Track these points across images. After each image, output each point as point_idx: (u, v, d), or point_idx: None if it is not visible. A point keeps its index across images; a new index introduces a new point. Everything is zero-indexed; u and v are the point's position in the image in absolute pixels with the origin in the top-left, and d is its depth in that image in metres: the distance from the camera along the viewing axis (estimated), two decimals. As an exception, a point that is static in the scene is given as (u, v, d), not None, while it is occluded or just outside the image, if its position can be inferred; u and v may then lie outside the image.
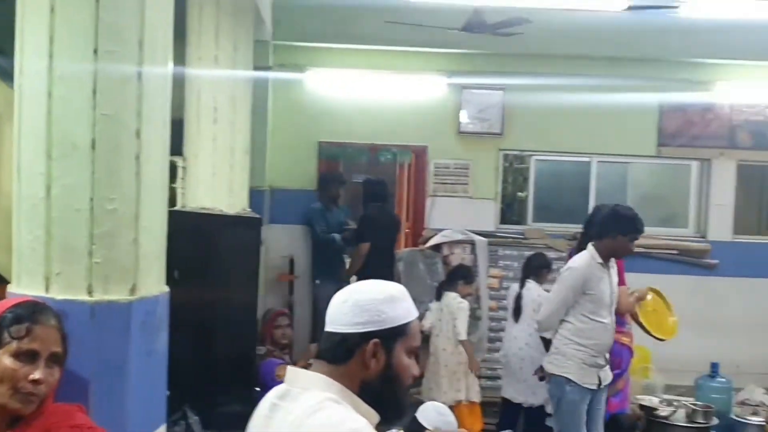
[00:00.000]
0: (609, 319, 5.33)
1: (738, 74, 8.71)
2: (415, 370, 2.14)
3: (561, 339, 5.32)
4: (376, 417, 2.04)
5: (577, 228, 6.66)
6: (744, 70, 8.68)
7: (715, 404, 6.82)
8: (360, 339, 2.05)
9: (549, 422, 6.98)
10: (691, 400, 6.89)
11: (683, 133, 8.96)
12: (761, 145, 8.98)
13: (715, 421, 6.51)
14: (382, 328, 2.06)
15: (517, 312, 7.00)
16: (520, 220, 9.26)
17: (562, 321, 5.31)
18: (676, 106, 8.89)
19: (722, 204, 9.02)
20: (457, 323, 6.76)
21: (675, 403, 6.55)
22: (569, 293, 5.25)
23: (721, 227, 9.03)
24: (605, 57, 8.54)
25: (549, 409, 7.15)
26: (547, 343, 5.44)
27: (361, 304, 2.07)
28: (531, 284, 7.03)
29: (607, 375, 5.44)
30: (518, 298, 7.03)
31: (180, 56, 5.59)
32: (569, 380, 5.25)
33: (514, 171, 9.51)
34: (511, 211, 9.52)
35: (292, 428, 1.95)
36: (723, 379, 7.51)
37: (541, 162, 9.21)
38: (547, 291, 7.18)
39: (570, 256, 6.58)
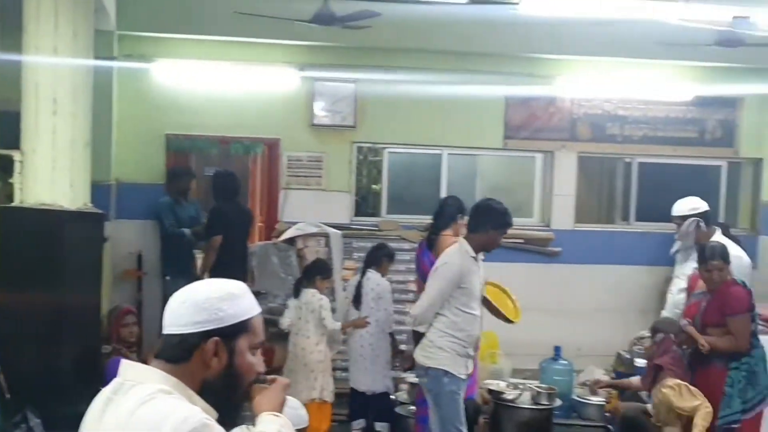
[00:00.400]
0: (479, 311, 5.50)
1: (577, 69, 9.10)
2: (259, 366, 2.13)
3: (436, 332, 5.38)
4: (214, 413, 2.02)
5: (428, 219, 6.79)
6: (583, 65, 9.07)
7: (558, 386, 7.13)
8: (199, 339, 2.02)
9: (399, 410, 7.11)
10: (536, 382, 7.17)
11: (527, 126, 9.28)
12: (599, 138, 9.41)
13: (558, 402, 6.81)
14: (222, 326, 2.04)
15: (357, 300, 7.12)
16: (375, 212, 9.36)
17: (437, 314, 5.37)
18: (521, 100, 9.20)
19: (564, 194, 9.41)
20: (325, 321, 6.77)
21: (520, 387, 6.79)
22: (447, 287, 5.33)
23: (563, 216, 9.42)
24: (453, 51, 8.74)
25: (401, 397, 7.28)
26: (418, 337, 5.50)
27: (199, 303, 2.04)
28: (371, 274, 7.16)
29: (472, 364, 5.59)
30: (358, 286, 7.15)
31: (16, 45, 5.35)
32: (446, 372, 5.33)
33: (368, 164, 9.60)
34: (365, 203, 9.60)
35: (122, 420, 1.92)
36: (565, 362, 7.86)
37: (394, 154, 9.33)
38: (389, 281, 7.33)
39: (420, 247, 6.72)
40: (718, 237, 6.53)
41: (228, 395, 2.07)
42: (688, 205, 6.87)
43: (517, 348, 8.24)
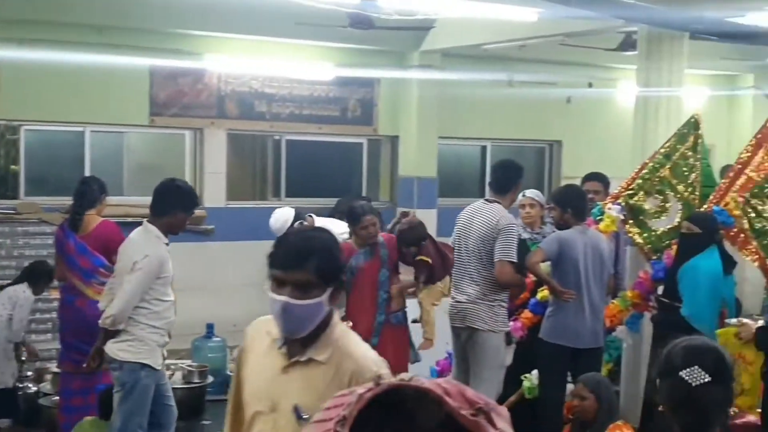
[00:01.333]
0: (173, 296, 5.31)
1: (225, 46, 9.13)
2: None
3: (137, 325, 5.11)
4: None
5: (71, 200, 6.44)
6: (230, 43, 9.12)
7: (212, 363, 7.16)
8: None
9: (43, 401, 6.74)
10: (189, 361, 7.15)
11: (175, 103, 9.16)
12: (248, 115, 9.54)
13: (210, 378, 6.84)
14: None
15: None
16: (14, 195, 8.73)
17: (135, 307, 5.10)
18: (168, 76, 9.05)
19: (215, 172, 9.43)
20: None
21: (172, 367, 6.73)
22: (147, 281, 5.05)
23: (215, 194, 9.44)
24: (95, 25, 8.37)
25: (45, 387, 6.91)
26: (112, 334, 5.17)
27: None
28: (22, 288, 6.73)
29: (166, 353, 5.48)
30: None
31: None
32: (144, 365, 5.12)
33: (6, 143, 8.90)
34: (3, 185, 8.92)
35: None
36: (218, 339, 7.90)
37: (32, 133, 8.75)
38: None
39: (62, 228, 6.34)
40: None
41: None
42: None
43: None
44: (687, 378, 2.42)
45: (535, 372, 5.89)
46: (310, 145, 10.10)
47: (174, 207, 5.09)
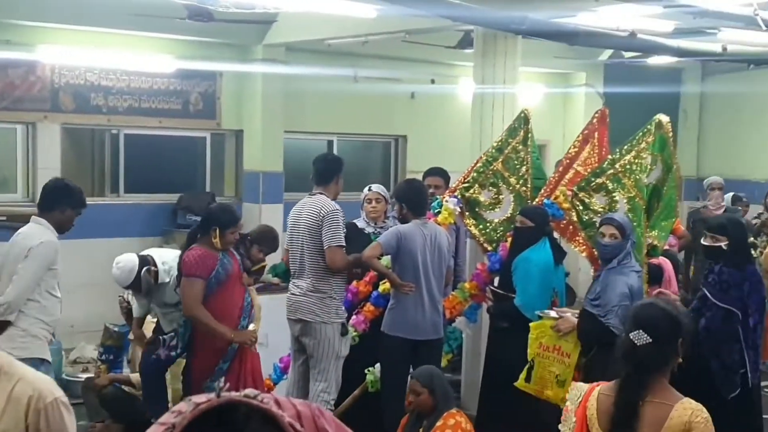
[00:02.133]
0: (60, 293, 5.20)
1: (59, 38, 8.75)
2: None
3: (28, 319, 4.96)
4: None
5: None
6: (64, 34, 8.75)
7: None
8: None
9: None
10: (21, 366, 6.80)
11: (6, 96, 8.70)
12: (83, 109, 9.18)
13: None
14: None
15: None
16: None
17: (27, 300, 4.96)
18: (-3, 68, 8.60)
19: (49, 168, 9.01)
20: None
21: None
22: (42, 269, 4.98)
23: (49, 191, 9.02)
24: None
25: None
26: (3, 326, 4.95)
27: None
28: None
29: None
30: None
31: None
32: (43, 360, 4.99)
33: None
34: None
35: None
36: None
37: None
38: None
39: None
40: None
41: None
42: None
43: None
44: (634, 339, 2.96)
45: (378, 365, 5.97)
46: (150, 139, 9.83)
47: (62, 203, 5.12)
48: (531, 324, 5.46)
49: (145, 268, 5.83)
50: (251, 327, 5.56)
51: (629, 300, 4.96)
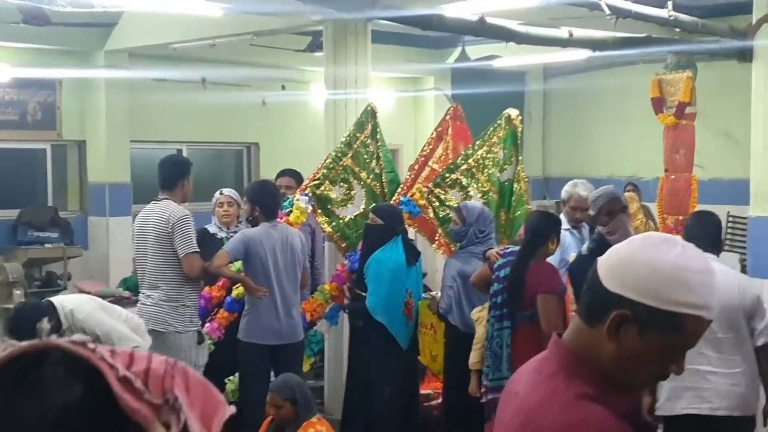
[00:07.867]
0: None
1: None
2: None
3: None
4: None
5: None
6: None
7: None
8: None
9: None
10: None
11: None
12: None
13: None
14: None
15: None
16: None
17: None
18: None
19: None
20: None
21: None
22: None
23: None
24: None
25: None
26: None
27: None
28: None
29: None
30: None
31: None
32: None
33: None
34: None
35: None
36: None
37: None
38: None
39: None
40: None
41: None
42: None
43: None
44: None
45: (237, 374, 5.78)
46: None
47: None
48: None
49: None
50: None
51: (455, 283, 5.44)
